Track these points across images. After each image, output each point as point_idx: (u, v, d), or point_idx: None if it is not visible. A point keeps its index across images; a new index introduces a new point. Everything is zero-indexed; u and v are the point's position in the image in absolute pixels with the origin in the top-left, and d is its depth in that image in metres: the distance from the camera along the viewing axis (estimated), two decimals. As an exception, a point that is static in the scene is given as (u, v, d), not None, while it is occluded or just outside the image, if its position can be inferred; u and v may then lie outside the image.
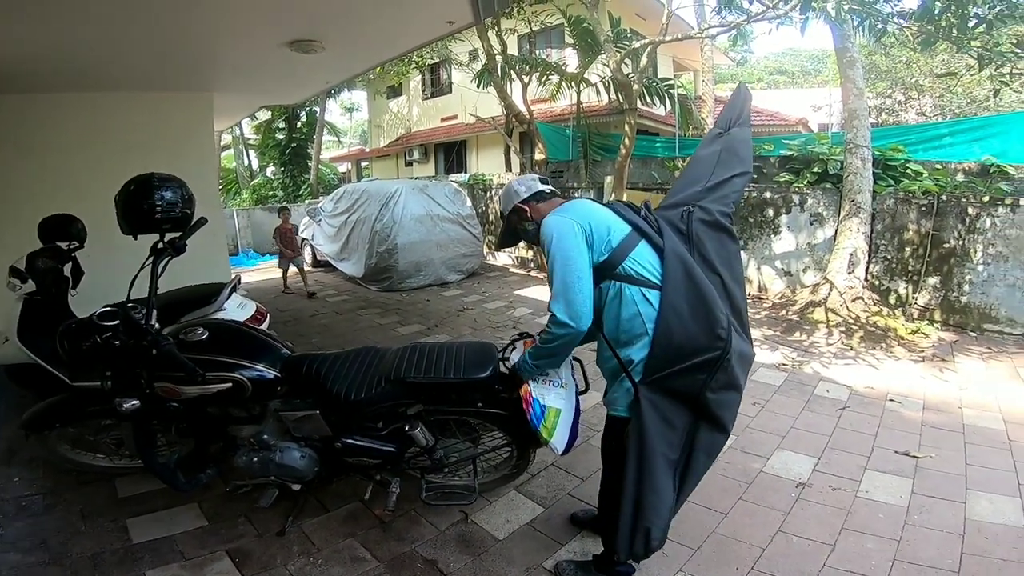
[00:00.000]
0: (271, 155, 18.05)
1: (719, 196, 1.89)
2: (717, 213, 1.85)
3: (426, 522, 2.46)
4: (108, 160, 4.95)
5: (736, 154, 1.97)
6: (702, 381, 1.60)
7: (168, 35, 3.62)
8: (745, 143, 2.00)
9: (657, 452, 1.60)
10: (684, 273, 1.66)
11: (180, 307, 3.07)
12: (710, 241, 1.81)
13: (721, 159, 1.95)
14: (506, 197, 2.05)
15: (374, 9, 3.50)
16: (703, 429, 1.67)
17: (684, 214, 1.84)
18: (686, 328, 1.61)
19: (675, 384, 1.63)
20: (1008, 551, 2.26)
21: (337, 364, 2.22)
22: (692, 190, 1.91)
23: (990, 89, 12.32)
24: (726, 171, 1.93)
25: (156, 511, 2.50)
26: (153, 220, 2.07)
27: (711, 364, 1.60)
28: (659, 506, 1.60)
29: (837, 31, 5.69)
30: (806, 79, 29.33)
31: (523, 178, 2.06)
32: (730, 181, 1.92)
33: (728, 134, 2.00)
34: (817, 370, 4.43)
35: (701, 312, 1.62)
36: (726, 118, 2.06)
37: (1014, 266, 5.29)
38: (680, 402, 1.64)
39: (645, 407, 1.63)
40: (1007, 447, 3.17)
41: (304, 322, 6.00)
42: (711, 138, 2.06)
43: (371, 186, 8.31)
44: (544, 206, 1.97)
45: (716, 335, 1.59)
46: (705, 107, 11.47)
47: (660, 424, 1.62)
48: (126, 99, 5.14)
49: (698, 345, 1.60)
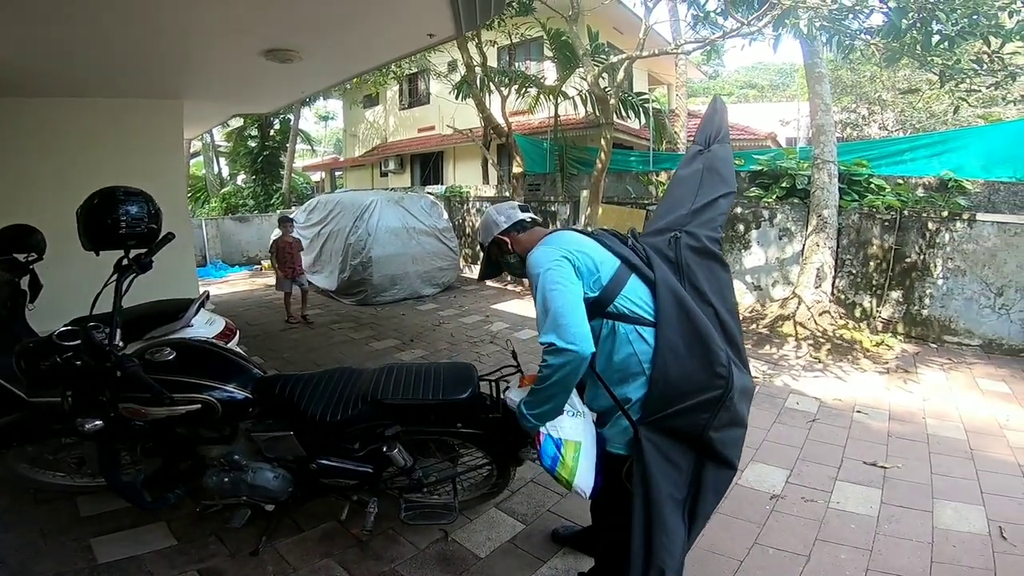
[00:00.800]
0: (242, 163, 17.69)
1: (705, 220, 1.83)
2: (705, 239, 1.79)
3: (405, 541, 2.42)
4: (70, 168, 4.81)
5: (718, 173, 1.91)
6: (704, 421, 1.53)
7: (135, 41, 3.54)
8: (726, 161, 1.95)
9: (664, 493, 1.53)
10: (678, 308, 1.59)
11: (144, 323, 2.96)
12: (700, 269, 1.74)
13: (704, 179, 1.89)
14: (485, 229, 1.97)
15: (354, 20, 3.48)
16: (709, 467, 1.59)
17: (671, 240, 1.77)
18: (684, 366, 1.53)
19: (676, 424, 1.55)
20: (975, 558, 2.34)
21: (311, 385, 2.17)
22: (677, 214, 1.85)
23: (949, 104, 12.92)
24: (710, 192, 1.87)
25: (121, 530, 2.42)
26: (117, 236, 2.00)
27: (713, 403, 1.52)
28: (671, 546, 1.52)
29: (807, 47, 5.88)
30: (775, 93, 30.25)
31: (502, 207, 1.97)
32: (715, 203, 1.87)
33: (709, 151, 1.95)
34: (787, 383, 4.52)
35: (699, 349, 1.54)
36: (705, 134, 2.00)
37: (971, 280, 5.52)
38: (682, 442, 1.56)
39: (647, 448, 1.54)
40: (969, 456, 3.28)
41: (275, 337, 5.86)
42: (691, 156, 2.00)
43: (345, 197, 8.22)
44: (525, 237, 1.89)
45: (716, 373, 1.52)
46: (679, 121, 11.69)
47: (664, 464, 1.54)
48: (90, 105, 5.00)
49: (698, 384, 1.53)
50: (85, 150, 4.93)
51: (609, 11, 10.46)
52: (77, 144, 4.92)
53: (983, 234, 5.43)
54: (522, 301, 7.68)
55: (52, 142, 4.83)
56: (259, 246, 11.90)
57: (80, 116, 4.96)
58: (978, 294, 5.50)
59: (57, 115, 4.86)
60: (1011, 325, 5.38)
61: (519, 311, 6.91)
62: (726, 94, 30.50)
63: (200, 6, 3.01)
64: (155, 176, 5.03)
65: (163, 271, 2.39)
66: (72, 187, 2.25)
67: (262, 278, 9.89)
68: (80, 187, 2.07)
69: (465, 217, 10.39)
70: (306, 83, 5.48)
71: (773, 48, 14.70)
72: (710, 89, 29.68)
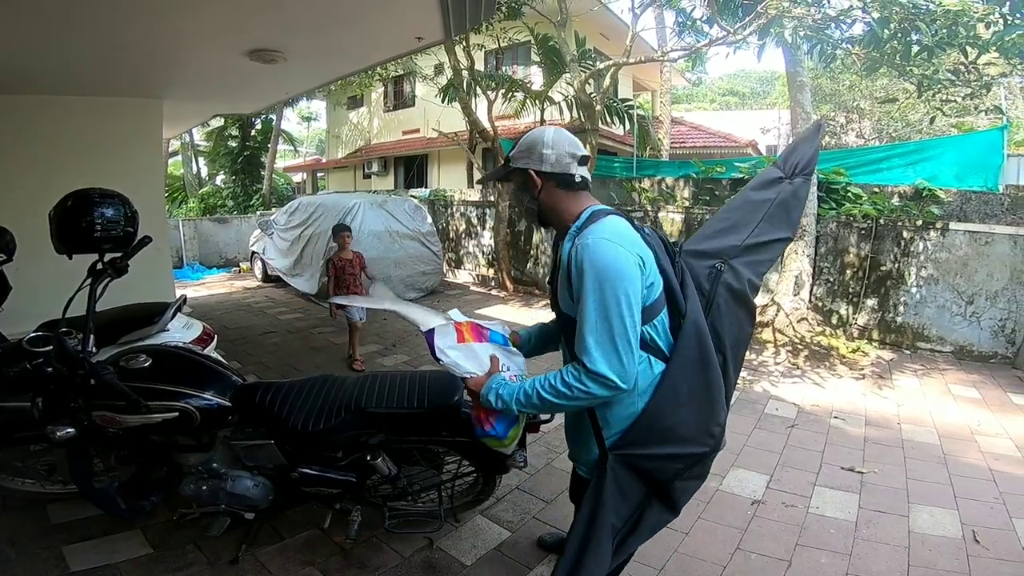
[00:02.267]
0: (222, 163, 17.43)
1: (754, 260, 1.66)
2: (747, 282, 1.63)
3: (389, 549, 2.39)
4: (42, 167, 4.68)
5: (788, 212, 1.72)
6: (676, 471, 1.46)
7: (114, 40, 3.47)
8: (800, 201, 1.76)
9: (607, 521, 1.45)
10: (699, 355, 1.45)
11: (117, 327, 2.88)
12: (729, 315, 1.59)
13: (771, 213, 1.70)
14: (527, 149, 1.53)
15: (341, 22, 3.45)
16: (655, 507, 1.51)
17: (712, 271, 1.60)
18: (679, 413, 1.43)
19: (646, 465, 1.46)
20: (950, 562, 2.39)
21: (292, 393, 2.13)
22: (729, 241, 1.66)
23: (925, 113, 13.26)
24: (772, 231, 1.69)
25: (95, 538, 2.36)
26: (92, 239, 1.95)
27: (693, 458, 1.46)
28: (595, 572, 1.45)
29: (789, 56, 5.98)
30: (756, 100, 30.76)
31: (562, 140, 1.50)
32: (771, 245, 1.70)
33: (790, 183, 1.73)
34: (767, 389, 4.59)
35: (702, 402, 1.44)
36: (793, 161, 1.76)
37: (944, 288, 5.66)
38: (644, 481, 1.48)
39: (608, 477, 1.46)
40: (943, 461, 3.36)
41: (254, 341, 5.76)
42: (768, 180, 1.77)
43: (328, 199, 8.14)
44: (562, 196, 1.53)
45: (709, 432, 1.45)
46: (662, 128, 11.83)
47: (617, 496, 1.47)
48: (65, 103, 4.88)
49: (686, 435, 1.44)
50: (59, 148, 4.81)
51: (596, 17, 10.55)
52: (50, 142, 4.80)
53: (955, 243, 5.58)
54: (507, 307, 7.67)
55: (24, 140, 4.71)
56: (238, 248, 11.72)
57: (55, 114, 4.84)
58: (950, 302, 5.64)
59: (30, 113, 4.73)
60: (981, 332, 5.53)
61: (505, 316, 6.89)
62: (708, 101, 30.97)
63: (183, 5, 2.96)
64: (132, 176, 4.95)
65: (138, 274, 2.33)
66: (45, 186, 2.20)
67: (240, 280, 9.74)
68: (53, 186, 2.02)
69: (449, 221, 10.35)
70: (291, 84, 5.42)
71: (757, 57, 15.01)
72: (693, 96, 30.13)
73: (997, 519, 2.73)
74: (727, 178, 7.72)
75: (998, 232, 5.44)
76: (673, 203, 7.51)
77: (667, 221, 7.27)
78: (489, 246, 9.40)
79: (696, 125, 14.95)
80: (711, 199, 7.34)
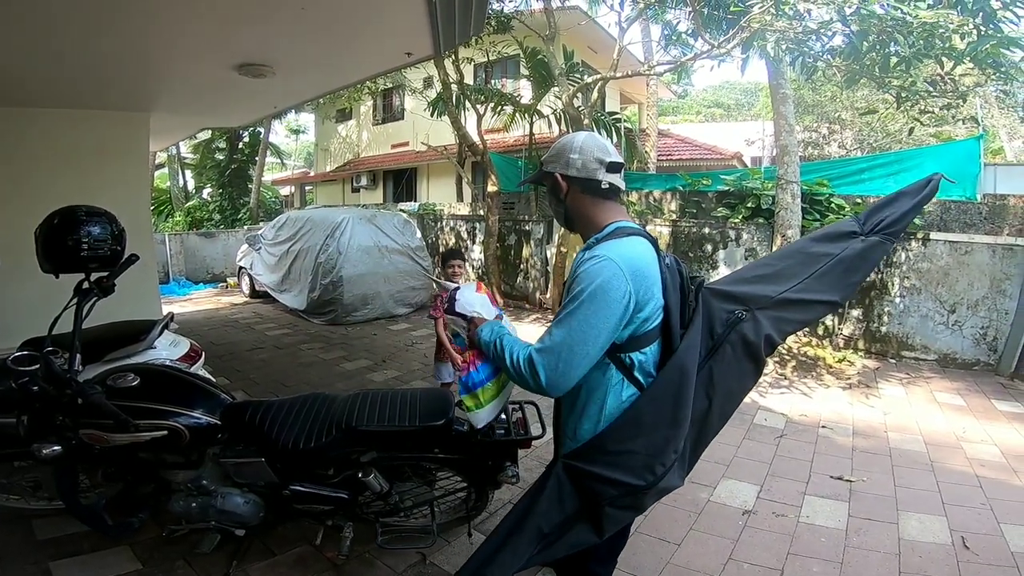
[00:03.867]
0: (209, 176, 17.35)
1: (784, 317, 1.57)
2: (765, 338, 1.54)
3: (382, 564, 2.38)
4: (27, 181, 4.63)
5: (847, 273, 1.59)
6: (611, 496, 1.44)
7: (102, 53, 3.45)
8: (868, 264, 1.63)
9: (536, 522, 1.48)
10: (673, 394, 1.43)
11: (102, 345, 2.85)
12: (732, 366, 1.54)
13: (827, 271, 1.58)
14: (558, 153, 1.54)
15: (331, 37, 3.47)
16: (582, 525, 1.49)
17: (731, 318, 1.53)
18: (633, 443, 1.43)
19: (587, 483, 1.46)
20: (940, 569, 2.42)
21: (283, 412, 2.14)
22: (764, 291, 1.57)
23: (904, 123, 13.53)
24: (818, 290, 1.57)
25: (82, 554, 2.33)
26: (79, 258, 1.95)
27: (628, 487, 1.43)
28: (506, 565, 1.47)
29: (772, 68, 6.10)
30: (740, 112, 31.25)
31: (592, 145, 1.50)
32: (811, 306, 1.60)
33: (862, 240, 1.59)
34: (755, 399, 4.62)
35: (658, 436, 1.42)
36: (880, 216, 1.61)
37: (926, 298, 5.76)
38: (580, 496, 1.48)
39: (551, 483, 1.48)
40: (930, 468, 3.40)
41: (241, 357, 5.71)
42: (838, 234, 1.65)
43: (316, 214, 8.12)
44: (588, 202, 1.53)
45: (652, 469, 1.42)
46: (649, 141, 11.96)
47: (554, 501, 1.48)
48: (49, 116, 4.81)
49: (631, 465, 1.42)
50: (43, 162, 4.73)
51: (584, 31, 10.69)
52: (33, 156, 4.72)
53: (936, 253, 5.69)
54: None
55: (8, 153, 4.64)
56: (225, 263, 11.64)
57: (38, 127, 4.77)
58: (933, 311, 5.74)
59: (14, 126, 4.66)
60: (963, 340, 5.62)
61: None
62: (694, 113, 31.42)
63: (173, 19, 2.96)
64: (118, 190, 4.90)
65: (124, 290, 2.32)
66: (29, 201, 2.19)
67: (228, 296, 9.66)
68: (37, 201, 2.02)
69: (438, 235, 10.37)
70: (280, 98, 5.42)
71: (741, 70, 15.33)
72: (679, 108, 30.55)
73: (985, 524, 2.77)
74: (713, 191, 7.82)
75: (977, 241, 5.56)
76: (661, 216, 7.59)
77: (655, 234, 7.33)
78: (479, 260, 9.42)
79: (682, 137, 15.14)
80: (698, 212, 7.43)
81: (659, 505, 2.87)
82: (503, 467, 2.16)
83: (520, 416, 2.22)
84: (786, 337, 1.65)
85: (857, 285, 1.67)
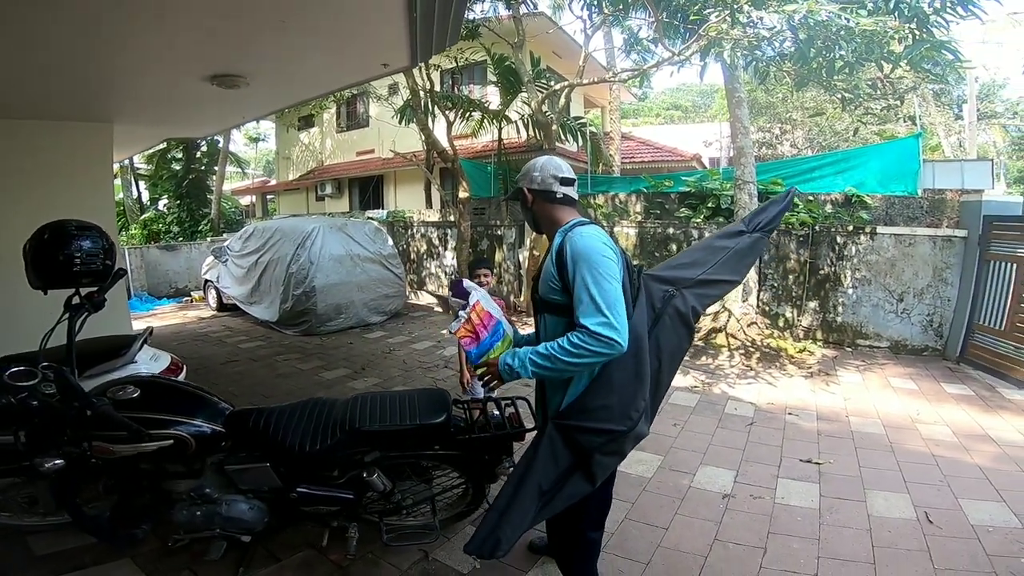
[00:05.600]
0: (165, 187, 16.74)
1: (703, 293, 1.99)
2: (691, 309, 1.94)
3: (386, 563, 2.44)
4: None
5: (742, 260, 2.07)
6: (598, 444, 1.74)
7: (65, 62, 3.33)
8: (754, 253, 2.12)
9: (535, 481, 1.73)
10: (634, 356, 1.74)
11: (84, 360, 2.81)
12: (671, 331, 1.90)
13: (727, 259, 2.03)
14: (523, 174, 1.97)
15: (308, 48, 3.46)
16: (576, 476, 1.77)
17: (665, 294, 1.91)
18: (607, 398, 1.73)
19: (576, 437, 1.75)
20: (910, 542, 2.62)
21: (286, 417, 2.20)
22: (687, 274, 1.99)
23: (849, 123, 14.21)
24: (724, 273, 2.02)
25: (84, 568, 2.33)
26: (71, 273, 1.95)
27: (611, 434, 1.73)
28: (517, 524, 1.71)
29: (728, 73, 6.38)
30: (698, 114, 32.13)
31: (549, 168, 1.91)
32: (720, 284, 2.05)
33: (749, 236, 2.07)
34: (725, 390, 4.85)
35: (628, 391, 1.74)
36: (757, 219, 2.10)
37: (876, 288, 6.14)
38: (572, 450, 1.76)
39: (545, 442, 1.76)
40: (890, 449, 3.65)
41: (215, 371, 5.61)
42: (730, 233, 2.13)
43: (284, 224, 8.01)
44: (548, 207, 1.92)
45: (628, 415, 1.73)
46: (613, 144, 12.22)
47: (549, 460, 1.75)
48: (6, 127, 4.60)
49: (610, 416, 1.73)
50: (2, 175, 4.57)
51: (550, 38, 10.85)
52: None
53: (883, 245, 6.08)
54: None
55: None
56: (189, 276, 11.32)
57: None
58: (883, 300, 6.12)
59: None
60: (912, 327, 6.02)
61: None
62: (654, 115, 32.16)
63: (143, 29, 2.91)
64: (81, 203, 4.71)
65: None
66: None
67: (194, 310, 9.41)
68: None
69: (410, 242, 10.35)
70: (251, 108, 5.34)
71: (700, 76, 15.85)
72: (640, 111, 31.22)
73: (944, 500, 3.00)
74: (675, 192, 8.09)
75: (920, 234, 5.97)
76: (627, 218, 7.81)
77: (622, 236, 7.55)
78: (452, 266, 9.47)
79: (644, 140, 15.50)
80: (661, 212, 7.68)
81: (645, 493, 3.06)
82: (499, 461, 2.27)
83: (513, 411, 2.33)
84: (707, 307, 2.07)
85: (749, 267, 2.14)
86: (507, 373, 1.81)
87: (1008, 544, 2.58)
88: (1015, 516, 2.81)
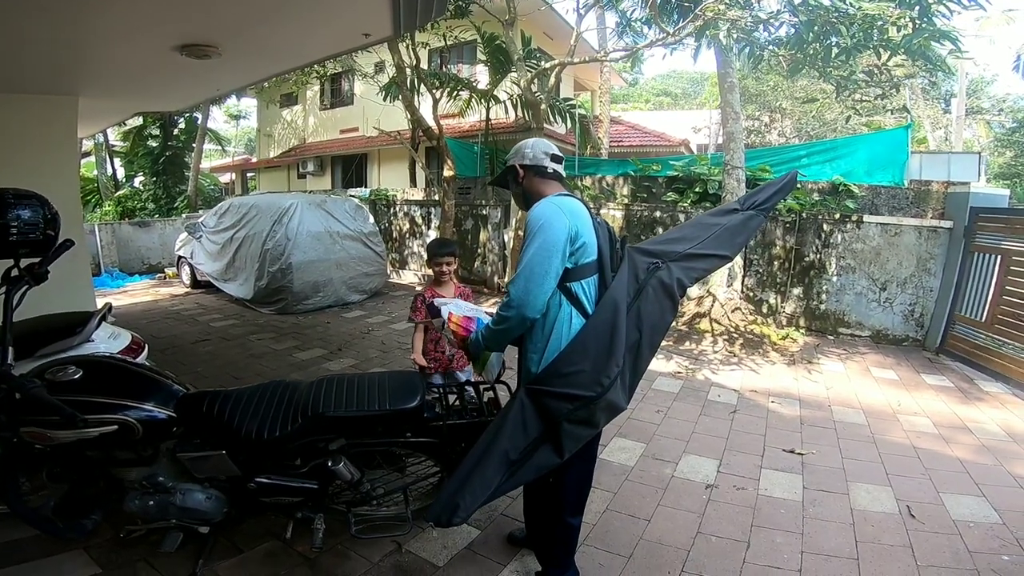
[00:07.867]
0: (141, 164, 16.24)
1: (690, 267, 1.95)
2: (676, 281, 1.91)
3: (357, 555, 2.33)
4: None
5: (734, 237, 2.02)
6: (567, 411, 1.72)
7: (23, 32, 3.10)
8: (749, 232, 2.07)
9: (503, 448, 1.71)
10: (610, 319, 1.76)
11: (35, 339, 2.64)
12: (654, 303, 1.88)
13: (719, 234, 1.99)
14: (516, 151, 2.04)
15: (284, 15, 3.24)
16: (544, 447, 1.76)
17: (650, 266, 1.90)
18: (580, 363, 1.74)
19: (546, 402, 1.74)
20: (893, 537, 2.56)
21: (243, 401, 2.04)
22: (674, 248, 1.96)
23: (839, 112, 14.19)
24: (714, 247, 1.98)
25: (34, 559, 2.19)
26: (6, 243, 1.79)
27: (581, 400, 1.72)
28: (477, 492, 1.68)
29: (721, 57, 6.26)
30: (687, 101, 32.01)
31: (540, 145, 2.00)
32: (709, 258, 2.01)
33: (743, 214, 2.03)
34: (708, 376, 4.79)
35: (601, 357, 1.73)
36: (753, 198, 2.07)
37: (860, 276, 6.13)
38: (542, 418, 1.75)
39: (515, 407, 1.76)
40: (872, 440, 3.62)
41: (185, 350, 5.42)
42: (724, 211, 2.11)
43: (261, 200, 7.74)
44: (538, 181, 1.98)
45: (599, 382, 1.71)
46: (602, 127, 12.08)
47: (519, 427, 1.74)
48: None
49: (580, 381, 1.72)
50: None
51: (541, 17, 10.60)
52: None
53: (869, 234, 6.05)
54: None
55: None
56: (163, 253, 10.99)
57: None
58: (866, 289, 6.11)
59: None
60: (894, 317, 6.02)
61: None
62: (643, 101, 31.96)
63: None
64: (43, 178, 4.43)
65: (54, 282, 2.14)
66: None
67: (166, 287, 9.13)
68: None
69: (392, 221, 10.14)
70: (225, 80, 5.05)
71: (693, 58, 15.66)
72: (629, 96, 30.99)
73: (927, 494, 2.96)
74: (663, 176, 8.00)
75: (905, 224, 5.95)
76: (614, 200, 7.70)
77: (609, 218, 7.43)
78: (434, 246, 9.27)
79: (633, 124, 15.37)
80: (648, 196, 7.58)
81: (628, 482, 2.97)
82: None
83: (492, 396, 2.21)
84: (694, 281, 2.02)
85: (742, 245, 2.11)
86: (473, 346, 1.95)
87: (988, 540, 2.54)
88: (995, 511, 2.78)
